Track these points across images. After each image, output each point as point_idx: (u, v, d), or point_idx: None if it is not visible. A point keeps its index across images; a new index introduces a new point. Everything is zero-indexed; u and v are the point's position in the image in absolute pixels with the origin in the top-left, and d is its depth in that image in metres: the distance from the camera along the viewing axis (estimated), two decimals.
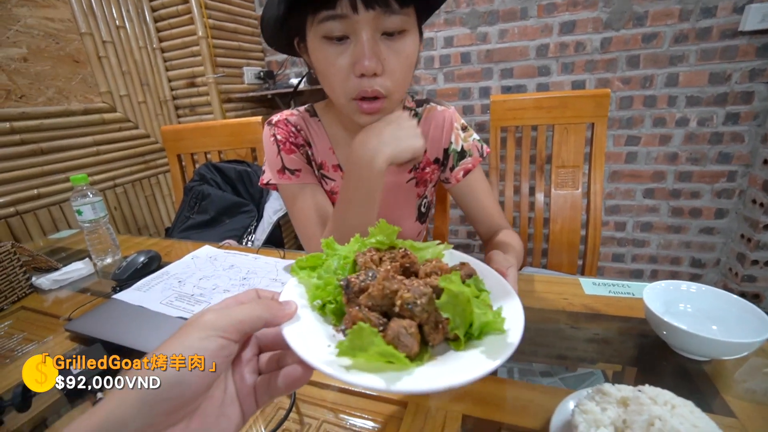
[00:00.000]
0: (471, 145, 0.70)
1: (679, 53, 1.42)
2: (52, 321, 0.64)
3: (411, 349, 0.27)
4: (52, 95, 1.34)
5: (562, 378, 0.44)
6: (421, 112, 0.70)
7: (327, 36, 0.49)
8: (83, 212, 0.81)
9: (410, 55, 0.52)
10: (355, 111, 0.54)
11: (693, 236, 1.61)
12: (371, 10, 0.46)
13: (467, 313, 0.28)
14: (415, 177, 0.72)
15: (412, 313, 0.28)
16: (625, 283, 0.60)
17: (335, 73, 0.51)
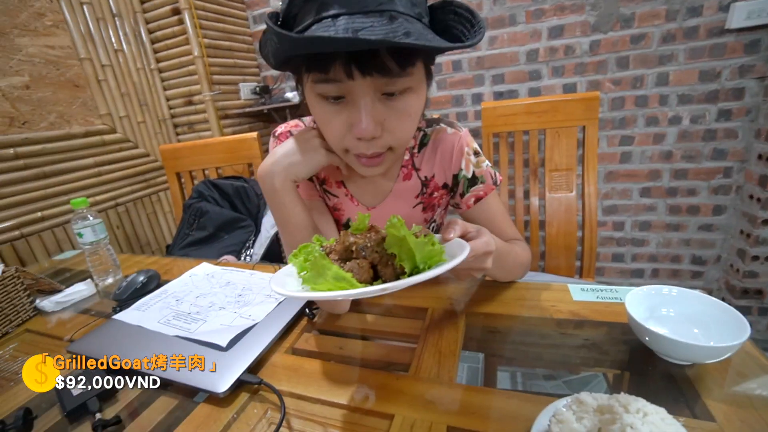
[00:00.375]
0: (484, 172, 0.65)
1: (668, 53, 1.43)
2: (56, 342, 0.65)
3: (361, 277, 0.34)
4: (53, 120, 1.37)
5: (565, 381, 0.45)
6: (430, 134, 0.66)
7: (322, 95, 0.45)
8: (84, 234, 0.83)
9: (414, 113, 0.48)
10: (356, 163, 0.52)
11: (692, 234, 1.61)
12: (368, 76, 0.41)
13: (410, 249, 0.34)
14: (422, 202, 0.69)
15: (363, 254, 0.36)
16: (612, 288, 0.61)
17: (331, 130, 0.48)
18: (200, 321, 0.62)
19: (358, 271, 0.35)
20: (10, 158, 1.24)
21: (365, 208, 0.68)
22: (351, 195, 0.68)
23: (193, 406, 0.47)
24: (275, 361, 0.53)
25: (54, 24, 1.38)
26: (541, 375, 0.46)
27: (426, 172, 0.67)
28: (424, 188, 0.68)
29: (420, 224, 0.70)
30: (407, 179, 0.67)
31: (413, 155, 0.66)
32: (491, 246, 0.44)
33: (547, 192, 1.14)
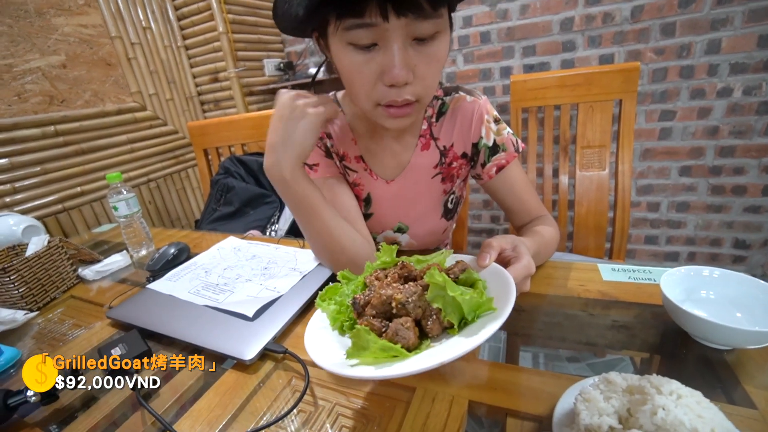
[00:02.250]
0: (505, 139, 0.64)
1: (722, 16, 1.30)
2: (97, 309, 0.70)
3: (408, 341, 0.31)
4: (88, 98, 1.42)
5: (589, 364, 0.44)
6: (448, 102, 0.65)
7: (353, 43, 0.45)
8: (119, 208, 0.87)
9: (442, 58, 0.49)
10: (382, 116, 0.52)
11: (736, 216, 1.51)
12: (402, 17, 0.42)
13: (455, 300, 0.31)
14: (441, 172, 0.68)
15: (406, 310, 0.32)
16: (646, 268, 0.58)
17: (361, 80, 0.48)
18: (228, 292, 0.64)
19: (405, 334, 0.31)
20: (51, 135, 1.30)
21: (385, 181, 0.68)
22: (370, 169, 0.68)
23: (222, 372, 0.49)
24: (299, 332, 0.55)
25: (86, 3, 1.41)
26: (564, 357, 0.45)
27: (444, 141, 0.66)
28: (443, 158, 0.67)
29: (439, 195, 0.71)
30: (425, 149, 0.66)
31: (431, 124, 0.66)
32: (532, 269, 0.42)
33: (578, 170, 1.09)
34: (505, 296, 0.33)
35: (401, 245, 0.76)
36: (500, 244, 0.43)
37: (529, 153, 1.13)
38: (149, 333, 0.56)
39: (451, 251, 0.43)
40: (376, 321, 0.34)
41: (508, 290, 0.33)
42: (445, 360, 0.28)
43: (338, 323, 0.38)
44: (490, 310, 0.32)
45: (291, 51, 2.06)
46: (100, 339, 0.59)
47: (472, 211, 1.94)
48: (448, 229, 0.78)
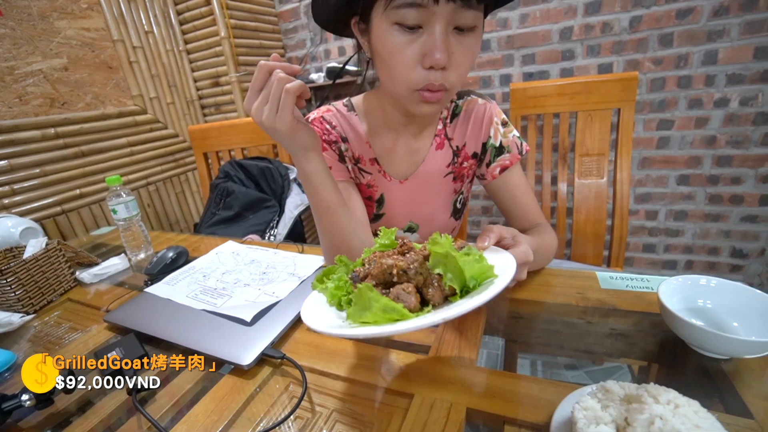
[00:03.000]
0: (510, 142, 0.68)
1: (719, 28, 1.32)
2: (94, 312, 0.69)
3: (410, 304, 0.31)
4: (89, 101, 1.43)
5: (587, 372, 0.44)
6: (461, 104, 0.69)
7: (399, 23, 0.48)
8: (118, 211, 0.87)
9: (476, 51, 0.52)
10: (416, 101, 0.54)
11: (733, 225, 1.52)
12: (451, 2, 0.45)
13: (457, 267, 0.31)
14: (452, 172, 0.71)
15: (408, 277, 0.32)
16: (644, 277, 0.58)
17: (402, 61, 0.50)
18: (226, 296, 0.64)
19: (406, 297, 0.31)
20: (51, 137, 1.31)
21: (398, 182, 0.71)
22: (384, 171, 0.70)
23: (219, 378, 0.48)
24: (297, 338, 0.55)
25: (89, 6, 1.42)
26: (562, 364, 0.45)
27: (458, 141, 0.69)
28: (455, 157, 0.70)
29: (450, 194, 0.73)
30: (440, 149, 0.69)
31: (446, 125, 0.69)
32: (530, 256, 0.44)
33: (576, 178, 1.09)
34: (506, 267, 0.32)
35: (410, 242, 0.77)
36: (500, 230, 0.44)
37: (528, 160, 1.13)
38: (146, 337, 0.56)
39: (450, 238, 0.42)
40: (377, 289, 0.33)
41: (509, 262, 0.33)
42: (449, 316, 0.27)
43: (336, 299, 0.37)
44: (491, 276, 0.31)
45: (292, 56, 2.08)
46: (97, 343, 0.59)
47: (471, 217, 1.95)
48: (455, 229, 0.80)
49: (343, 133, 0.70)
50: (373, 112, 0.69)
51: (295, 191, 1.21)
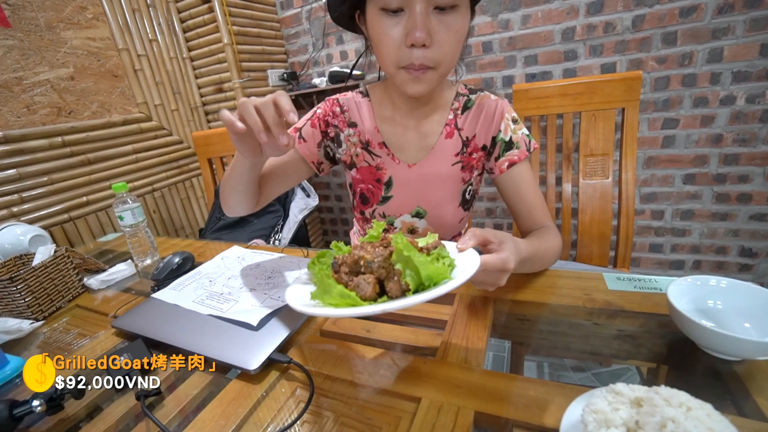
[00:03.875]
0: (519, 138, 0.70)
1: (724, 25, 1.31)
2: (101, 318, 0.70)
3: (366, 293, 0.35)
4: (95, 109, 1.44)
5: (595, 373, 0.43)
6: (474, 99, 0.71)
7: (384, 8, 0.53)
8: (124, 217, 0.88)
9: (459, 29, 0.55)
10: (404, 79, 0.58)
11: (742, 224, 1.50)
12: None
13: (414, 264, 0.34)
14: (461, 161, 0.73)
15: (371, 269, 0.37)
16: (652, 278, 0.58)
17: (388, 42, 0.55)
18: (232, 301, 0.64)
19: (364, 287, 0.36)
20: (58, 146, 1.32)
21: (407, 165, 0.73)
22: (392, 154, 0.73)
23: (227, 382, 0.49)
24: (304, 342, 0.55)
25: (95, 17, 1.44)
26: (569, 366, 0.45)
27: (468, 132, 0.71)
28: (465, 147, 0.72)
29: (458, 183, 0.75)
30: (449, 137, 0.71)
31: (457, 116, 0.71)
32: (508, 264, 0.43)
33: (581, 178, 1.09)
34: (466, 270, 0.35)
35: (418, 231, 0.79)
36: (485, 234, 0.45)
37: (532, 161, 1.13)
38: (154, 342, 0.56)
39: (435, 236, 0.45)
40: (345, 276, 0.38)
41: (472, 266, 0.36)
42: (388, 308, 0.32)
43: (319, 278, 0.40)
44: (446, 278, 0.34)
45: (295, 62, 2.09)
46: (105, 348, 0.60)
47: (476, 219, 1.94)
48: (464, 219, 0.81)
49: (352, 118, 0.75)
50: (382, 100, 0.74)
51: (299, 196, 1.22)
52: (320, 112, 0.76)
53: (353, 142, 0.75)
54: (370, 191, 0.77)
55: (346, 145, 0.76)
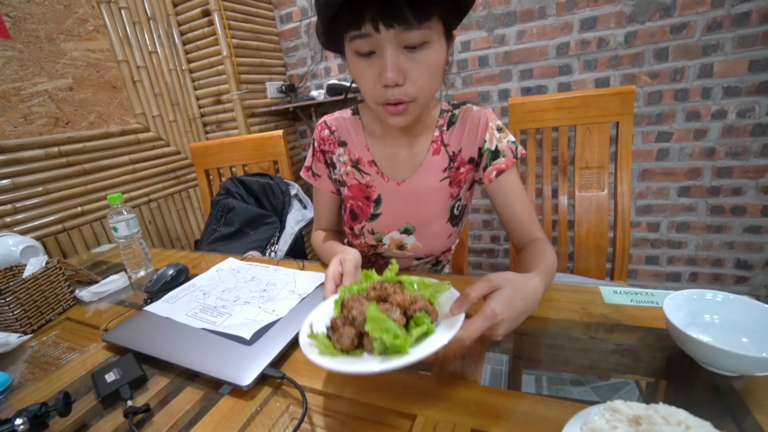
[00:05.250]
0: (505, 146, 0.70)
1: (713, 42, 1.34)
2: (92, 331, 0.69)
3: (343, 345, 0.41)
4: (93, 119, 1.45)
5: (594, 387, 0.43)
6: (458, 113, 0.72)
7: (357, 51, 0.55)
8: (119, 229, 0.87)
9: (433, 63, 0.55)
10: (383, 113, 0.60)
11: (737, 236, 1.51)
12: (391, 29, 0.50)
13: (382, 329, 0.38)
14: (449, 176, 0.73)
15: (355, 322, 0.41)
16: (648, 291, 0.57)
17: (365, 82, 0.57)
18: (226, 315, 0.63)
19: (345, 340, 0.41)
20: (54, 156, 1.32)
21: (396, 183, 0.74)
22: (382, 172, 0.74)
23: (219, 398, 0.47)
24: (298, 357, 0.54)
25: (95, 29, 1.45)
26: (568, 380, 0.44)
27: (454, 147, 0.72)
28: (452, 162, 0.72)
29: (446, 199, 0.75)
30: (436, 154, 0.72)
31: (443, 132, 0.72)
32: (495, 318, 0.41)
33: (577, 191, 1.09)
34: (432, 344, 0.38)
35: (407, 247, 0.79)
36: (478, 294, 0.43)
37: (528, 174, 1.14)
38: (145, 357, 0.55)
39: (450, 286, 0.48)
40: (340, 321, 0.43)
41: (442, 338, 0.38)
42: (343, 369, 0.37)
43: (337, 309, 0.47)
44: (404, 353, 0.37)
45: (293, 74, 2.11)
46: (95, 363, 0.58)
47: (473, 231, 1.94)
48: (453, 235, 0.80)
49: (342, 137, 0.77)
50: (372, 121, 0.75)
51: (295, 207, 1.21)
52: (316, 144, 0.80)
53: (344, 161, 0.77)
54: (360, 208, 0.78)
55: (338, 165, 0.78)
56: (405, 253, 0.80)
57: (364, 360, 0.39)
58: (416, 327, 0.40)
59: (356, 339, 0.41)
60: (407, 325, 0.41)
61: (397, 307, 0.42)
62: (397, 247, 0.79)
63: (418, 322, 0.41)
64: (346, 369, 0.37)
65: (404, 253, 0.80)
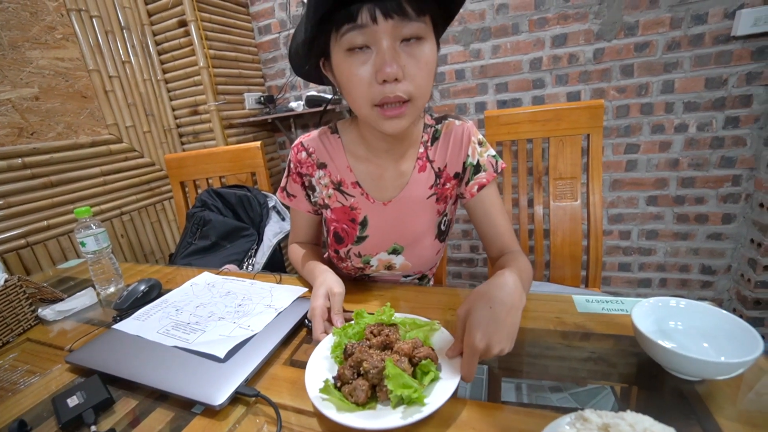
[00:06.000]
0: (486, 161, 0.70)
1: (673, 60, 1.42)
2: (55, 352, 0.65)
3: (359, 399, 0.42)
4: (61, 130, 1.40)
5: (572, 393, 0.43)
6: (440, 128, 0.71)
7: (350, 48, 0.52)
8: (86, 243, 0.84)
9: (429, 60, 0.54)
10: (378, 118, 0.56)
11: (701, 243, 1.58)
12: (390, 19, 0.49)
13: (402, 385, 0.41)
14: (435, 193, 0.72)
15: (368, 375, 0.43)
16: (618, 299, 0.59)
17: (358, 82, 0.54)
18: (199, 331, 0.61)
19: (359, 393, 0.42)
20: (18, 168, 1.26)
21: (381, 203, 0.71)
22: (366, 194, 0.72)
23: (191, 418, 0.46)
24: (274, 373, 0.53)
25: (64, 37, 1.41)
26: (547, 387, 0.45)
27: (439, 163, 0.71)
28: (438, 179, 0.71)
29: (434, 215, 0.74)
30: (422, 171, 0.71)
31: (427, 148, 0.71)
32: (473, 347, 0.42)
33: (552, 201, 1.13)
34: (439, 395, 0.42)
35: (396, 267, 0.77)
36: (459, 334, 0.46)
37: (505, 184, 1.16)
38: (112, 378, 0.53)
39: (440, 326, 0.52)
40: (349, 372, 0.45)
41: (451, 384, 0.43)
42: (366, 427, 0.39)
43: (336, 354, 0.50)
44: (421, 405, 0.40)
45: (272, 85, 2.10)
46: (58, 386, 0.55)
47: (452, 241, 1.96)
48: (440, 251, 0.80)
49: (321, 159, 0.73)
50: (354, 140, 0.72)
51: (273, 219, 1.20)
52: (292, 166, 0.76)
53: (324, 183, 0.74)
54: (345, 231, 0.75)
55: (319, 187, 0.75)
56: (393, 273, 0.79)
57: (382, 413, 0.41)
58: (424, 375, 0.43)
59: (369, 391, 0.43)
60: (414, 371, 0.45)
61: (404, 357, 0.45)
62: (385, 268, 0.77)
63: (424, 370, 0.44)
64: (372, 427, 0.39)
65: (392, 273, 0.79)
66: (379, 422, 0.39)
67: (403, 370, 0.42)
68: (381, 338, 0.49)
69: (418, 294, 0.71)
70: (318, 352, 0.51)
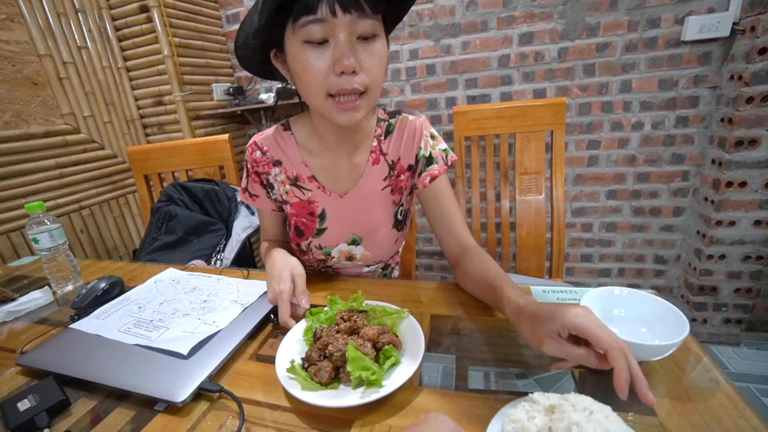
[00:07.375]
0: (437, 154, 0.72)
1: (631, 61, 1.49)
2: (6, 355, 0.62)
3: (322, 379, 0.45)
4: (9, 119, 1.31)
5: (537, 379, 0.46)
6: (394, 123, 0.73)
7: (308, 40, 0.53)
8: (40, 240, 0.80)
9: (383, 56, 0.57)
10: (332, 109, 0.58)
11: (655, 234, 1.69)
12: (348, 14, 0.51)
13: (361, 367, 0.44)
14: (390, 185, 0.74)
15: (333, 357, 0.46)
16: (572, 289, 0.63)
17: (314, 73, 0.54)
18: (162, 329, 0.60)
19: (322, 374, 0.45)
20: None
21: (338, 196, 0.73)
22: (323, 187, 0.73)
23: (153, 416, 0.45)
24: (238, 368, 0.53)
25: (9, 17, 1.31)
26: (513, 374, 0.47)
27: (393, 156, 0.73)
28: (392, 171, 0.73)
29: (389, 206, 0.76)
30: (376, 164, 0.73)
31: (380, 142, 0.72)
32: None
33: (518, 194, 1.17)
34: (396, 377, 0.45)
35: (356, 257, 0.79)
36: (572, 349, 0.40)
37: (473, 179, 1.19)
38: (69, 380, 0.51)
39: (408, 314, 0.54)
40: (316, 354, 0.48)
41: (408, 369, 0.46)
42: (321, 404, 0.42)
43: (307, 337, 0.53)
44: (379, 387, 0.44)
45: (241, 76, 2.05)
46: (5, 391, 0.53)
47: (423, 234, 1.99)
48: (399, 239, 0.82)
49: (275, 156, 0.74)
50: (307, 135, 0.73)
51: (243, 213, 1.18)
52: (249, 164, 0.77)
53: (281, 180, 0.75)
54: (305, 224, 0.77)
55: (276, 185, 0.76)
56: (355, 263, 0.80)
57: (343, 393, 0.44)
58: (386, 360, 0.46)
59: (333, 372, 0.46)
60: (377, 356, 0.47)
61: (368, 342, 0.48)
62: (346, 259, 0.79)
63: (386, 354, 0.47)
64: (330, 404, 0.42)
65: (354, 263, 0.80)
66: (338, 401, 0.42)
67: (365, 354, 0.45)
68: (349, 324, 0.52)
69: (385, 287, 0.73)
70: (291, 336, 0.54)
